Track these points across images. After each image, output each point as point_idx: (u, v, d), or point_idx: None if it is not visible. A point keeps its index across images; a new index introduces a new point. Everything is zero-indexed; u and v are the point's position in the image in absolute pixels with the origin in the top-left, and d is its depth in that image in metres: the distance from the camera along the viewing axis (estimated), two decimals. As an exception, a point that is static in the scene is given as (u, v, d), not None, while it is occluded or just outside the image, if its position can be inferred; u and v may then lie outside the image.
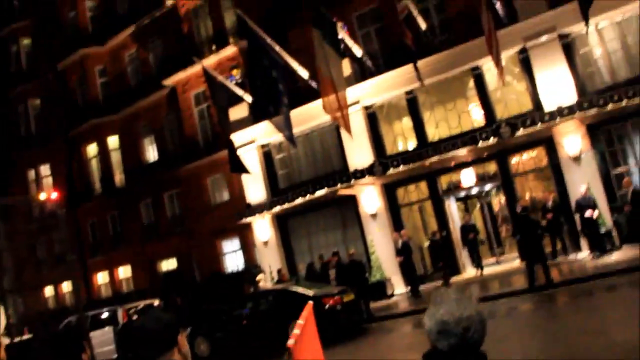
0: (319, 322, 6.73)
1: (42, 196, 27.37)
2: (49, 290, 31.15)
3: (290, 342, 4.15)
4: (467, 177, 19.24)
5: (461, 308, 2.09)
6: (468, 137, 17.66)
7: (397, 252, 18.34)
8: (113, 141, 29.59)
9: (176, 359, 2.64)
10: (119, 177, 29.14)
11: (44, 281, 30.72)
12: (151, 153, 28.46)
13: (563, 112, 16.20)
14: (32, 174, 31.91)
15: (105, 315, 19.59)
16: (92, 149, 30.01)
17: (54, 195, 26.57)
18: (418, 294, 17.55)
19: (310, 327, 5.30)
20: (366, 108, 20.39)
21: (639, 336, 7.16)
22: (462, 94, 19.39)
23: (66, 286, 30.40)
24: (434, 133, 19.55)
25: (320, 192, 19.95)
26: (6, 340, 19.88)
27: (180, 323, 2.73)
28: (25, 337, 21.20)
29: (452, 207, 20.01)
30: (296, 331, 4.39)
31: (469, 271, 18.96)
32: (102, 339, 18.61)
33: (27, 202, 29.46)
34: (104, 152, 29.47)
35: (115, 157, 29.54)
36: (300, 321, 4.77)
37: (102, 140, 29.43)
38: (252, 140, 22.39)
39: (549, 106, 16.83)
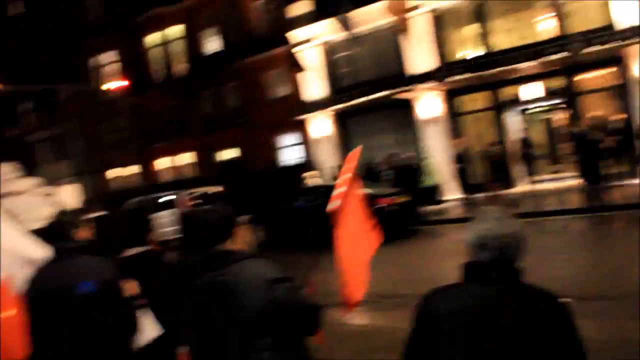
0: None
1: (107, 84, 28.14)
2: (114, 173, 32.74)
3: (331, 206, 3.80)
4: (530, 91, 18.92)
5: (501, 225, 2.26)
6: (535, 50, 17.21)
7: (454, 159, 18.55)
8: (175, 31, 29.69)
9: (237, 245, 2.84)
10: (180, 67, 29.53)
11: (110, 164, 32.27)
12: (213, 44, 28.56)
13: (638, 31, 15.56)
14: (95, 61, 32.43)
15: (167, 198, 20.60)
16: (154, 38, 30.20)
17: (119, 83, 27.33)
18: (471, 202, 17.90)
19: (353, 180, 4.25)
20: (431, 11, 19.91)
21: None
22: (533, 4, 18.68)
23: (130, 169, 31.87)
24: (500, 42, 19.06)
25: (380, 94, 19.99)
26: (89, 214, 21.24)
27: (239, 212, 2.97)
28: (98, 214, 22.60)
29: (512, 120, 19.87)
30: (339, 190, 3.92)
31: (523, 185, 19.08)
32: (164, 220, 19.70)
33: (92, 89, 30.27)
34: (166, 42, 29.72)
35: (178, 47, 29.72)
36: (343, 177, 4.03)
37: (165, 29, 29.58)
38: (314, 37, 22.34)
39: (624, 23, 16.15)
